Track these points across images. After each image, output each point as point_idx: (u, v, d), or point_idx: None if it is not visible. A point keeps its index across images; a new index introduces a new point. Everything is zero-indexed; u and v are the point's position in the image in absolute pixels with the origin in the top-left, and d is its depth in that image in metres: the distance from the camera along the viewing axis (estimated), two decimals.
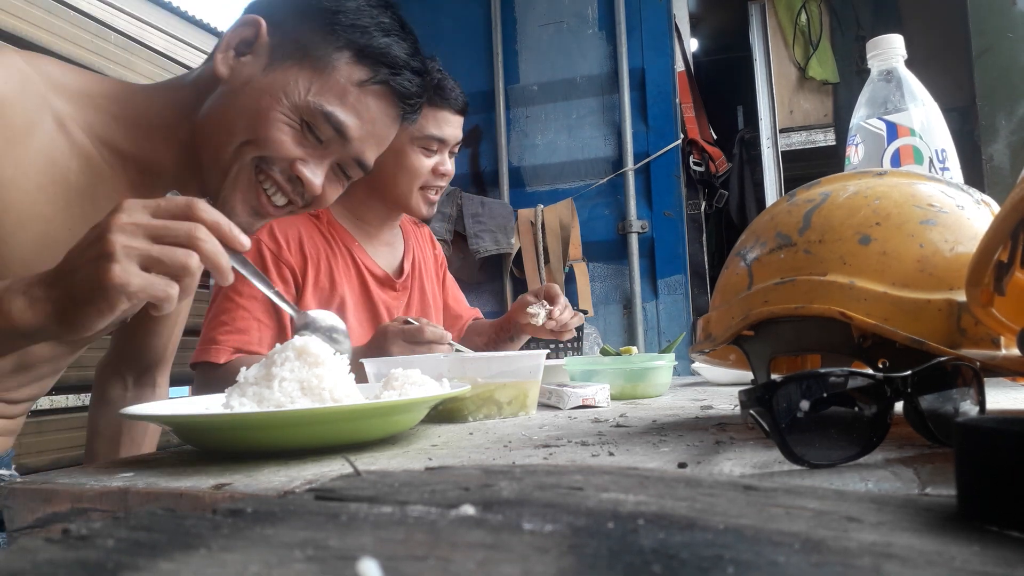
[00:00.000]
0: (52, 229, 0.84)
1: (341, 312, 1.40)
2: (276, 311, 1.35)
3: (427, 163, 1.45)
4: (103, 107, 0.90)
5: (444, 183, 1.50)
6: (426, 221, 1.53)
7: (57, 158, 0.84)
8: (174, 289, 0.64)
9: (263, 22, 0.91)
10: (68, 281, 0.65)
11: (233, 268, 0.69)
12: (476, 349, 1.57)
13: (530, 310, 1.40)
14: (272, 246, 1.37)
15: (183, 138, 0.91)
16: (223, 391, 0.70)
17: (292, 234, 1.40)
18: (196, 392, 1.27)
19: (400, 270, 1.56)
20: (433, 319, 1.64)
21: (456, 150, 1.53)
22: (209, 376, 1.29)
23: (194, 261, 0.64)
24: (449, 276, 1.77)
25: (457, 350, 1.19)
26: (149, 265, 0.63)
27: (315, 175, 0.93)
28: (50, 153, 0.84)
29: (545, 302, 1.42)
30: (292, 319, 0.90)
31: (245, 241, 0.68)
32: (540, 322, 1.39)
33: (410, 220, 1.68)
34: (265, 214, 0.94)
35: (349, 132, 0.92)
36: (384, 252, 1.54)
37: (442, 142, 1.46)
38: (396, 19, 0.96)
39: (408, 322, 1.18)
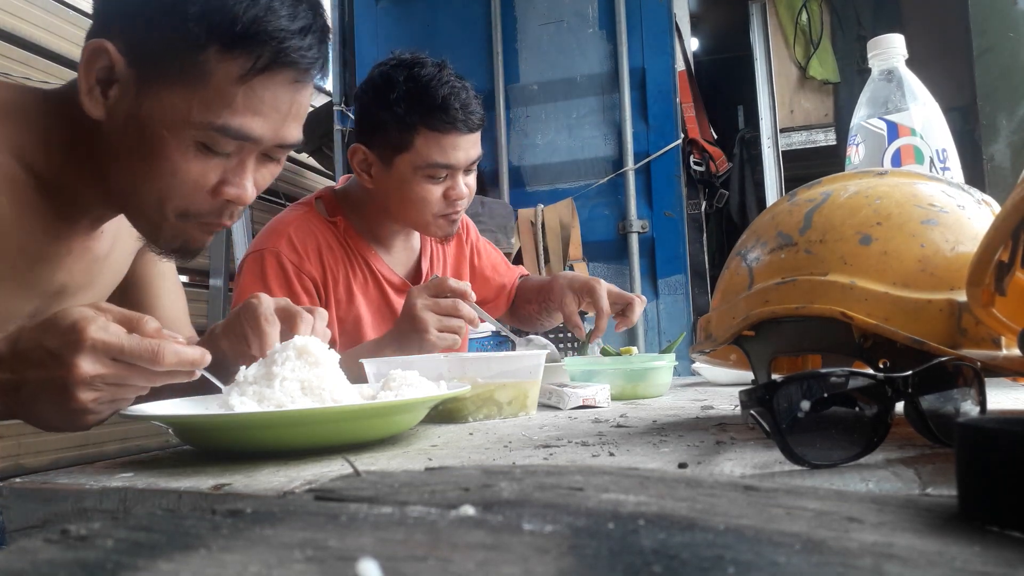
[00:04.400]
0: None
1: (358, 325, 1.36)
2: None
3: (436, 191, 1.31)
4: (26, 123, 0.80)
5: (461, 206, 1.36)
6: (449, 237, 1.43)
7: None
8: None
9: (109, 46, 0.76)
10: (23, 375, 0.63)
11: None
12: (528, 319, 1.57)
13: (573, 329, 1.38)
14: (293, 258, 1.30)
15: (95, 168, 0.82)
16: None
17: (311, 244, 1.34)
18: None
19: (417, 272, 1.51)
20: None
21: (474, 167, 1.39)
22: None
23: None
24: (483, 246, 1.67)
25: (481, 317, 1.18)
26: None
27: (242, 188, 0.82)
28: None
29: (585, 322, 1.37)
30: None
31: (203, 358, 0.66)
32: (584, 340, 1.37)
33: None
34: (212, 234, 0.87)
35: (254, 134, 0.79)
36: (400, 257, 1.49)
37: (450, 168, 1.32)
38: None
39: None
